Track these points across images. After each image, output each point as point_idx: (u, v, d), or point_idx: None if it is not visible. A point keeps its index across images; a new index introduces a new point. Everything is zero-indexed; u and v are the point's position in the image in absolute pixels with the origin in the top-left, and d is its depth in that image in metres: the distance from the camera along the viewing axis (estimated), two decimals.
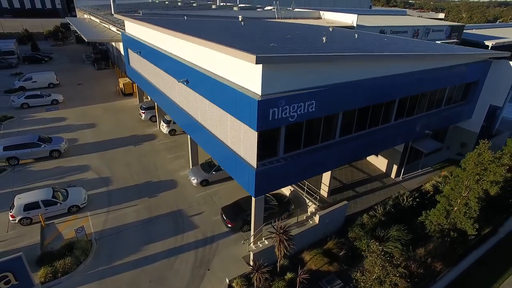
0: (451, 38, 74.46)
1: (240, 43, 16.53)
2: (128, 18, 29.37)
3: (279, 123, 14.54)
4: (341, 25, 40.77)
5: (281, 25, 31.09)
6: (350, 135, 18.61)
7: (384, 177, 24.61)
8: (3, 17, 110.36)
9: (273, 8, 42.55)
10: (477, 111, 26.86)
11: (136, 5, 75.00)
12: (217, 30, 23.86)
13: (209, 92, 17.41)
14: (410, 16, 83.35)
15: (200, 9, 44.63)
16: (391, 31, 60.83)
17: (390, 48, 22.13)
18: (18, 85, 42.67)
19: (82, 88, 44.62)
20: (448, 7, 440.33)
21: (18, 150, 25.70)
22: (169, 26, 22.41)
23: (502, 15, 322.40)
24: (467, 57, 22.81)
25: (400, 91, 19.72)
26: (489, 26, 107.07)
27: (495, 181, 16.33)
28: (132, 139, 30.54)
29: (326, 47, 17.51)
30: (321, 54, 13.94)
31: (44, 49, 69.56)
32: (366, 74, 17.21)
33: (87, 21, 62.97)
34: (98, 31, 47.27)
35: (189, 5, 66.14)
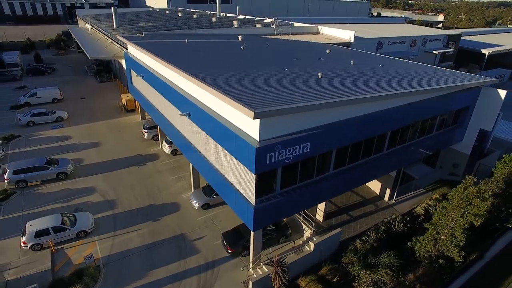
0: (448, 47, 75.59)
1: (239, 85, 17.62)
2: (131, 43, 30.41)
3: (276, 165, 15.61)
4: (338, 41, 41.81)
5: (280, 48, 32.09)
6: (344, 167, 19.66)
7: (377, 199, 25.69)
8: (6, 23, 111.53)
9: (272, 24, 43.49)
10: (468, 134, 27.92)
11: (136, 15, 76.11)
12: (218, 60, 24.91)
13: (210, 129, 18.46)
14: (407, 24, 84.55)
15: (201, 26, 45.63)
16: (388, 42, 62.07)
17: (385, 76, 23.22)
18: (23, 101, 43.75)
19: (85, 102, 45.70)
20: (448, 7, 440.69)
21: (27, 174, 26.80)
22: (172, 59, 23.45)
23: (501, 16, 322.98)
24: (458, 87, 23.81)
25: (392, 125, 20.76)
26: (486, 32, 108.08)
27: (479, 215, 17.37)
28: (136, 159, 31.62)
29: (322, 86, 18.58)
30: (315, 103, 15.00)
31: (46, 58, 70.64)
32: (359, 112, 18.26)
33: (89, 32, 64.01)
34: (101, 45, 48.28)
35: (189, 16, 67.16)
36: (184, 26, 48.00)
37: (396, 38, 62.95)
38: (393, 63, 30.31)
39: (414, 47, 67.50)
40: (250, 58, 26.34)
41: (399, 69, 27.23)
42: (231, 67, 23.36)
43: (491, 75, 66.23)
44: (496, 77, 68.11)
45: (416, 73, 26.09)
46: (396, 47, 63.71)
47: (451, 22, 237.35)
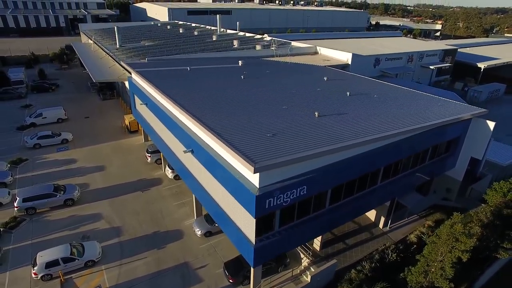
0: (445, 61, 76.99)
1: (240, 128, 18.81)
2: (135, 71, 31.64)
3: (274, 209, 16.73)
4: (336, 63, 43.13)
5: (279, 77, 33.23)
6: (339, 202, 20.77)
7: (372, 227, 26.75)
8: (10, 36, 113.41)
9: (272, 46, 44.85)
10: (460, 161, 29.05)
11: (138, 30, 77.70)
12: (220, 94, 26.15)
13: (212, 169, 19.57)
14: (404, 38, 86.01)
15: (202, 47, 46.98)
16: (386, 58, 63.48)
17: (379, 111, 24.41)
18: (29, 121, 44.95)
19: (89, 122, 46.89)
20: (446, 14, 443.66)
21: (36, 201, 27.89)
22: (175, 92, 24.67)
23: (498, 22, 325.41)
24: (449, 121, 24.89)
25: (385, 161, 21.89)
26: (482, 43, 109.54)
27: (466, 250, 18.43)
28: (140, 183, 32.71)
29: (318, 128, 19.79)
30: (312, 153, 16.19)
31: (50, 74, 71.99)
32: (353, 152, 19.38)
33: (92, 48, 65.36)
34: (104, 65, 49.50)
35: (190, 32, 68.63)
36: (185, 46, 49.37)
37: (393, 54, 64.37)
38: (387, 91, 31.45)
39: (411, 62, 68.89)
40: (250, 90, 27.52)
41: (393, 100, 28.35)
42: (233, 102, 24.54)
43: (486, 90, 67.68)
44: (492, 91, 69.54)
45: (409, 105, 27.17)
46: (393, 63, 65.13)
47: (449, 30, 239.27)
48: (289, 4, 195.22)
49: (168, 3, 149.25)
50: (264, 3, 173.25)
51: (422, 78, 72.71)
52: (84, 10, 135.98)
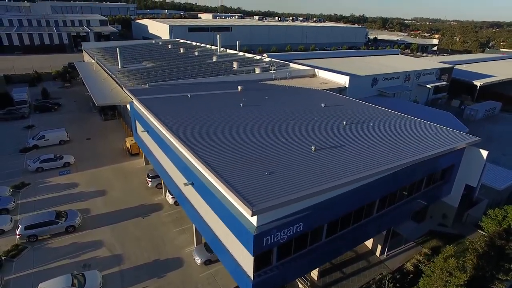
0: (441, 79, 78.26)
1: (238, 165, 19.45)
2: (137, 99, 32.48)
3: (272, 246, 17.22)
4: (334, 86, 44.09)
5: (278, 104, 34.04)
6: (335, 234, 21.23)
7: (369, 254, 27.09)
8: (14, 53, 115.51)
9: (271, 70, 45.95)
10: (455, 188, 29.56)
11: (140, 49, 79.23)
12: (219, 124, 26.91)
13: (212, 203, 20.10)
14: (402, 56, 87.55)
15: (202, 69, 48.11)
16: (383, 78, 64.72)
17: (375, 142, 25.12)
18: (32, 143, 45.67)
19: (91, 144, 47.59)
20: (443, 27, 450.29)
21: (38, 228, 28.31)
22: (175, 123, 25.40)
23: (494, 36, 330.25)
24: (444, 152, 25.52)
25: (380, 193, 22.45)
26: (479, 60, 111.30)
27: (460, 285, 18.81)
28: (141, 209, 33.17)
29: (315, 163, 20.45)
30: (309, 193, 16.84)
31: (53, 92, 73.18)
32: (349, 187, 19.96)
33: (95, 68, 66.60)
34: (107, 87, 50.39)
35: (191, 52, 70.02)
36: (186, 68, 50.48)
37: (391, 74, 65.64)
38: (383, 118, 32.20)
39: (408, 81, 70.10)
40: (249, 121, 28.27)
41: (388, 128, 29.05)
42: (232, 133, 25.27)
43: (482, 108, 68.59)
44: (488, 109, 70.44)
45: (405, 134, 27.84)
46: (391, 82, 66.32)
47: (445, 44, 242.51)
48: (288, 20, 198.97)
49: (170, 20, 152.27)
50: (263, 19, 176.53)
51: (420, 96, 73.79)
52: (87, 28, 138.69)
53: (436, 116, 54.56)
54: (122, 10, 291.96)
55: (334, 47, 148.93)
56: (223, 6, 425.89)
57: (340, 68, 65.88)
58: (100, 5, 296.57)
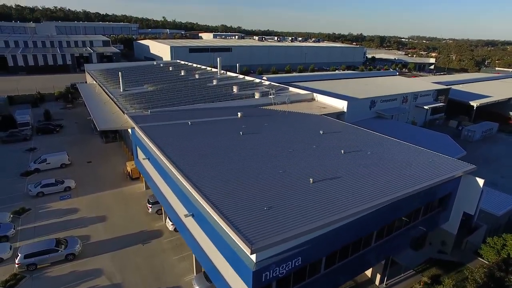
0: (438, 100, 79.47)
1: (238, 199, 19.81)
2: (138, 127, 33.11)
3: (271, 281, 17.38)
4: (332, 111, 44.86)
5: (277, 131, 34.65)
6: (334, 266, 21.35)
7: (369, 283, 27.04)
8: (18, 74, 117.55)
9: (270, 95, 46.89)
10: (453, 215, 29.78)
11: (141, 71, 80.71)
12: (219, 153, 27.41)
13: (212, 237, 20.34)
14: (399, 77, 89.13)
15: (202, 94, 49.09)
16: (381, 100, 65.77)
17: (372, 173, 25.55)
18: (33, 167, 46.06)
19: (92, 168, 47.97)
20: (439, 46, 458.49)
21: (37, 257, 28.32)
22: (175, 153, 25.88)
23: (489, 55, 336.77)
24: (441, 181, 25.90)
25: (378, 224, 22.70)
26: (475, 79, 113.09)
27: None
28: (141, 235, 33.23)
29: (313, 196, 20.83)
30: (307, 229, 17.18)
31: (55, 113, 74.19)
32: (346, 220, 20.25)
33: (97, 91, 67.70)
34: (108, 111, 51.15)
35: (191, 74, 71.37)
36: (187, 92, 51.48)
37: (388, 96, 66.76)
38: (380, 145, 32.73)
39: (406, 103, 71.18)
40: (249, 151, 28.78)
41: (385, 157, 29.52)
42: (232, 164, 25.76)
43: (480, 129, 69.31)
44: (485, 130, 71.20)
45: (401, 163, 28.29)
46: (388, 104, 67.37)
47: (442, 63, 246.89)
48: (287, 40, 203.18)
49: (171, 41, 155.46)
50: (263, 39, 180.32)
51: (418, 117, 74.76)
52: (90, 48, 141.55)
53: (433, 138, 55.27)
54: (125, 30, 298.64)
55: (333, 67, 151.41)
56: (223, 25, 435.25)
57: (339, 90, 67.16)
58: (103, 25, 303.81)
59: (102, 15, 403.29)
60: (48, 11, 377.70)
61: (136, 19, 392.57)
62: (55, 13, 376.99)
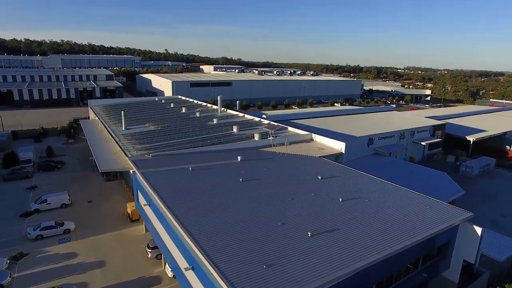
0: (435, 135, 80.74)
1: (237, 256, 20.06)
2: (139, 172, 33.72)
3: None
4: (330, 152, 45.70)
5: (276, 176, 35.25)
6: None
7: None
8: (23, 108, 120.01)
9: (269, 137, 47.96)
10: (453, 263, 29.68)
11: (143, 107, 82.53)
12: (218, 201, 27.83)
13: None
14: (396, 113, 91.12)
15: (203, 138, 50.15)
16: (379, 137, 66.91)
17: (371, 224, 25.84)
18: (33, 207, 46.15)
19: (92, 207, 48.06)
20: (435, 76, 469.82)
21: None
22: (176, 208, 26.30)
23: (483, 85, 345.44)
24: (439, 230, 26.11)
25: (376, 277, 22.72)
26: (470, 113, 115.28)
27: None
28: (139, 282, 32.81)
29: (311, 252, 21.07)
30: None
31: (57, 148, 75.20)
32: (344, 276, 20.34)
33: (99, 128, 68.99)
34: (110, 150, 52.04)
35: (192, 112, 73.03)
36: (187, 133, 52.65)
37: (386, 133, 68.05)
38: (378, 191, 33.17)
39: (403, 139, 72.38)
40: (248, 201, 29.17)
41: (384, 205, 29.89)
42: (231, 215, 26.15)
43: (477, 165, 69.89)
44: (483, 166, 71.65)
45: (400, 212, 28.62)
46: (386, 141, 68.52)
47: (438, 94, 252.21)
48: (286, 74, 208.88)
49: (172, 75, 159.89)
50: (262, 73, 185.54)
51: (415, 153, 75.66)
52: (93, 82, 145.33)
53: (431, 176, 55.77)
54: (128, 62, 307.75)
55: (331, 100, 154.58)
56: (224, 57, 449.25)
57: (338, 127, 68.58)
58: (107, 58, 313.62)
59: (106, 48, 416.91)
60: (55, 44, 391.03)
61: (139, 52, 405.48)
62: (61, 46, 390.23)
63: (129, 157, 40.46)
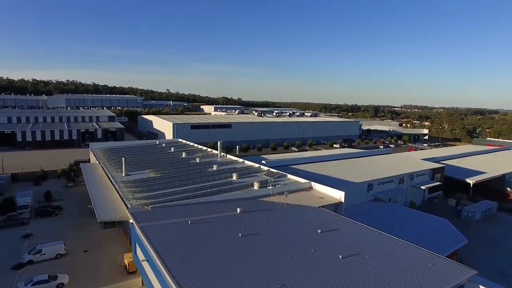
0: (434, 178, 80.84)
1: None
2: (138, 227, 33.44)
3: None
4: (330, 202, 45.53)
5: (276, 231, 34.96)
6: None
7: None
8: (25, 148, 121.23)
9: (269, 186, 48.18)
10: None
11: (144, 151, 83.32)
12: (218, 259, 27.42)
13: None
14: (394, 155, 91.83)
15: (203, 186, 50.36)
16: (378, 183, 67.02)
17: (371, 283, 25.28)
18: (26, 259, 45.02)
19: (88, 257, 46.92)
20: (431, 114, 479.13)
21: None
22: (174, 264, 25.87)
23: (479, 123, 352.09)
24: None
25: None
26: (469, 154, 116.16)
27: None
28: None
29: None
30: None
31: (56, 192, 74.85)
32: None
33: (99, 173, 69.10)
34: (109, 198, 51.72)
35: (192, 158, 73.67)
36: (187, 181, 52.96)
37: (385, 178, 68.27)
38: (379, 246, 32.71)
39: (403, 183, 72.44)
40: (247, 256, 28.79)
41: (385, 262, 29.38)
42: (230, 275, 25.65)
43: (479, 209, 69.17)
44: (484, 210, 70.95)
45: (401, 272, 28.07)
46: (386, 186, 68.63)
47: (435, 132, 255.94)
48: (285, 115, 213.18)
49: (173, 117, 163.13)
50: (262, 115, 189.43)
51: (415, 197, 75.38)
52: (96, 123, 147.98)
53: (433, 223, 55.15)
54: (130, 102, 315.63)
55: (330, 141, 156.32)
56: (224, 97, 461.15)
57: (337, 172, 68.93)
58: (110, 98, 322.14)
59: (110, 87, 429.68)
60: (60, 84, 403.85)
61: (142, 91, 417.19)
62: (66, 86, 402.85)
63: (128, 208, 40.26)
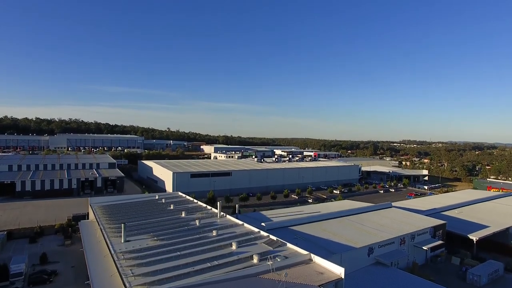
0: (436, 236, 79.79)
1: None
2: None
3: None
4: (330, 278, 44.62)
5: None
6: None
7: None
8: (24, 199, 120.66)
9: (268, 262, 47.60)
10: None
11: (143, 209, 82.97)
12: None
13: None
14: (394, 210, 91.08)
15: (204, 255, 49.98)
16: (378, 246, 66.17)
17: None
18: None
19: None
20: (430, 150, 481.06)
21: None
22: None
23: (478, 159, 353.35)
24: None
25: None
26: (470, 202, 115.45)
27: None
28: None
29: None
30: None
31: (51, 252, 73.71)
32: None
33: (97, 236, 68.21)
34: (108, 270, 50.75)
35: (192, 218, 73.28)
36: (185, 252, 52.42)
37: (385, 241, 67.42)
38: None
39: (404, 244, 71.39)
40: None
41: None
42: None
43: (485, 272, 67.44)
44: (491, 273, 69.25)
45: None
46: (387, 248, 67.64)
47: (435, 172, 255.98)
48: (285, 159, 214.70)
49: (173, 163, 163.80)
50: (262, 160, 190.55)
51: (418, 257, 73.99)
52: (96, 171, 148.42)
53: None
54: (131, 142, 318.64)
55: (330, 188, 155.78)
56: (224, 136, 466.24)
57: (337, 233, 68.31)
58: (111, 138, 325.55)
59: (111, 126, 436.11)
60: (63, 123, 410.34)
61: (142, 130, 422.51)
62: (69, 124, 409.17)
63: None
